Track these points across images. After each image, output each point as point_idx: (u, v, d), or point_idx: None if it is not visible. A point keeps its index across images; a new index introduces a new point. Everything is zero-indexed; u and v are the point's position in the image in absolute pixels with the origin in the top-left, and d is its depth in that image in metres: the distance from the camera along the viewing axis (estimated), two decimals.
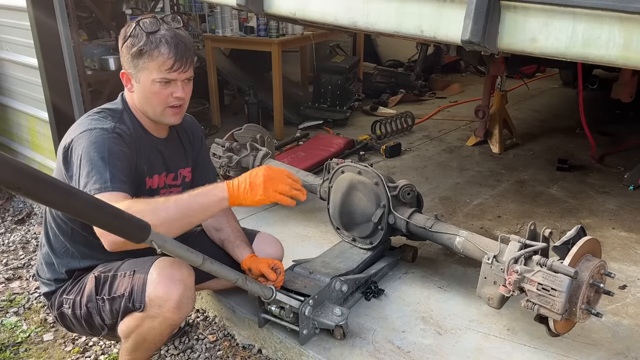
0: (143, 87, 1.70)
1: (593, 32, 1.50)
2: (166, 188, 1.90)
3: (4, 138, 3.66)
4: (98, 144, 1.62)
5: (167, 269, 1.66)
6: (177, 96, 1.71)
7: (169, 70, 1.66)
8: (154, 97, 1.70)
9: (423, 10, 1.80)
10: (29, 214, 3.42)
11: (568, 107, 5.43)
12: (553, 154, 4.03)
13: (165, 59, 1.64)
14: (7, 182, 0.99)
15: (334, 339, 2.02)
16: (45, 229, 1.87)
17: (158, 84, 1.68)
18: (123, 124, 1.73)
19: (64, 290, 1.83)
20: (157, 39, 1.64)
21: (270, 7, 2.32)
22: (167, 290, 1.63)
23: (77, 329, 1.87)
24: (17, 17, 3.02)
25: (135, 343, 1.74)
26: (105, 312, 1.73)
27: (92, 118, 1.72)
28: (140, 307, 1.66)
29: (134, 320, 1.69)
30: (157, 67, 1.65)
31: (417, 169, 3.81)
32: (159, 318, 1.66)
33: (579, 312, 1.76)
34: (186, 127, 2.00)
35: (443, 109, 5.44)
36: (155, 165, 1.84)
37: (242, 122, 3.10)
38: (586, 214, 3.09)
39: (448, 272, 2.49)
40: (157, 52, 1.64)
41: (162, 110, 1.74)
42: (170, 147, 1.91)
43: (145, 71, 1.67)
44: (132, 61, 1.68)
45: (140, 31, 1.65)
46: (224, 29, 4.44)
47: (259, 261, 1.92)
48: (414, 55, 6.25)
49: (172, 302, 1.64)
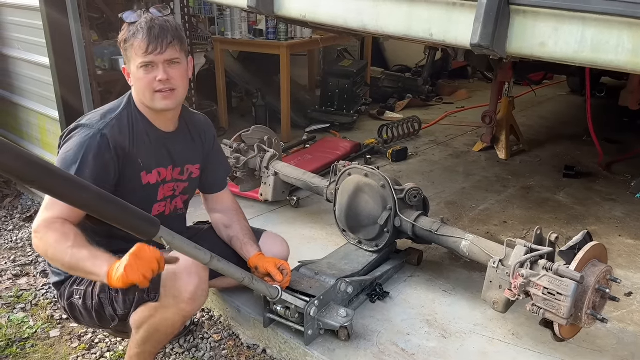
0: (133, 76, 1.76)
1: (602, 37, 1.51)
2: (173, 182, 1.91)
3: (14, 136, 3.69)
4: (76, 148, 1.68)
5: (183, 261, 1.67)
6: (159, 79, 1.72)
7: (145, 53, 1.69)
8: (141, 83, 1.74)
9: (433, 13, 1.81)
10: (37, 211, 3.44)
11: (575, 115, 5.42)
12: (560, 161, 4.03)
13: (139, 43, 1.69)
14: (22, 176, 1.01)
15: (339, 340, 2.02)
16: None
17: (142, 69, 1.72)
18: (120, 122, 1.76)
19: (74, 280, 1.84)
20: (135, 27, 1.70)
21: (281, 9, 2.33)
22: (183, 282, 1.66)
23: (86, 320, 1.88)
24: (30, 16, 3.05)
25: (146, 334, 1.75)
26: (119, 302, 1.74)
27: (93, 112, 1.79)
28: (155, 298, 1.69)
29: (147, 311, 1.71)
30: (135, 52, 1.70)
31: (424, 173, 3.82)
32: (173, 309, 1.68)
33: (585, 318, 1.76)
34: (197, 125, 2.02)
35: (450, 114, 5.45)
36: (159, 159, 1.85)
37: (249, 124, 3.11)
38: (592, 220, 3.09)
39: (453, 276, 2.49)
40: (134, 38, 1.69)
41: (152, 96, 1.75)
42: (178, 141, 1.92)
43: (132, 61, 1.73)
44: (124, 54, 1.75)
45: (125, 25, 1.73)
46: (233, 32, 4.46)
47: (266, 260, 1.94)
48: (421, 61, 6.26)
49: (188, 294, 1.66)
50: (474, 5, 1.69)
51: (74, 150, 1.68)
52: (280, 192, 3.04)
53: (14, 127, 3.73)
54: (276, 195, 3.01)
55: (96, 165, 1.68)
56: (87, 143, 1.68)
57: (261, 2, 2.36)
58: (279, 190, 3.02)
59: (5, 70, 3.57)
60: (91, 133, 1.70)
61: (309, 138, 4.35)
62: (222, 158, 2.19)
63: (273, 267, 1.92)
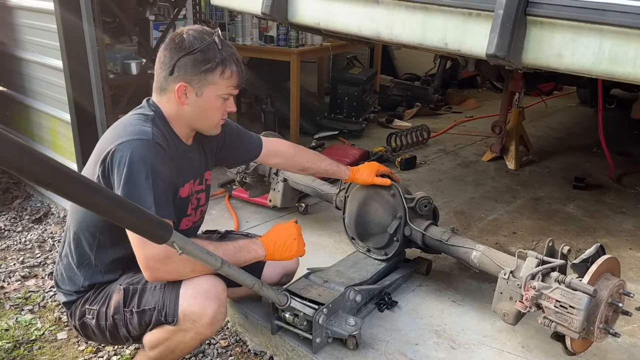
0: (205, 101, 1.71)
1: (620, 49, 1.50)
2: (194, 195, 1.89)
3: (25, 138, 3.71)
4: (139, 158, 1.59)
5: (202, 285, 1.66)
6: (230, 110, 1.79)
7: (235, 88, 1.73)
8: (215, 111, 1.75)
9: (448, 23, 1.81)
10: (46, 213, 3.46)
11: (585, 126, 5.39)
12: (569, 172, 4.00)
13: (235, 77, 1.71)
14: (39, 178, 1.01)
15: (347, 349, 2.01)
16: (68, 240, 1.83)
17: (221, 99, 1.73)
18: (158, 129, 1.71)
19: (86, 300, 1.81)
20: (228, 56, 1.70)
21: (294, 16, 2.34)
22: (202, 306, 1.65)
23: (99, 338, 1.86)
24: (45, 19, 3.08)
25: (161, 354, 1.74)
26: (133, 324, 1.72)
27: (130, 124, 1.70)
28: (173, 321, 1.66)
29: (164, 333, 1.69)
30: (227, 83, 1.71)
31: (432, 182, 3.81)
32: (191, 332, 1.67)
33: (597, 332, 1.74)
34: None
35: (459, 123, 5.43)
36: (186, 173, 1.82)
37: (258, 130, 3.09)
38: (603, 233, 3.06)
39: (462, 287, 2.47)
40: (229, 70, 1.70)
41: (216, 123, 1.80)
42: (195, 152, 1.91)
43: (212, 86, 1.69)
44: (200, 75, 1.67)
45: (213, 47, 1.68)
46: (244, 38, 4.47)
47: (365, 176, 2.32)
48: (430, 69, 6.25)
49: (207, 318, 1.65)
50: (490, 15, 1.68)
51: (139, 166, 1.58)
52: (289, 199, 3.04)
53: (25, 129, 3.75)
54: (285, 201, 3.01)
55: (163, 171, 1.64)
56: (148, 154, 1.61)
57: (275, 9, 2.37)
58: (288, 197, 3.02)
59: (18, 73, 3.59)
60: (145, 144, 1.62)
61: (317, 145, 4.35)
62: (246, 134, 2.22)
63: (373, 179, 2.30)
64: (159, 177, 1.61)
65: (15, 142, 0.95)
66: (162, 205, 1.61)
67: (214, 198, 3.36)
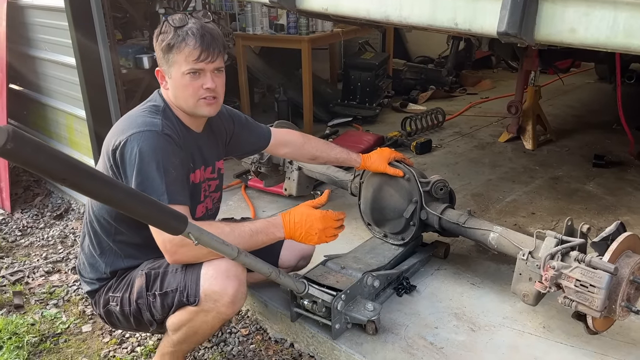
0: (175, 81, 1.73)
1: (635, 21, 1.45)
2: (205, 182, 1.92)
3: (43, 136, 3.77)
4: (150, 149, 1.63)
5: (222, 265, 1.68)
6: (207, 87, 1.72)
7: (196, 61, 1.68)
8: (186, 90, 1.73)
9: (457, 2, 1.77)
10: (66, 209, 3.51)
11: (604, 103, 5.29)
12: (589, 150, 3.94)
13: (191, 50, 1.67)
14: (53, 174, 1.03)
15: (366, 334, 2.02)
16: (87, 230, 1.88)
17: (188, 76, 1.70)
18: (168, 120, 1.75)
19: (109, 288, 1.85)
20: (184, 32, 1.68)
21: (303, 2, 2.32)
22: (223, 286, 1.66)
23: (124, 325, 1.89)
24: (56, 17, 3.10)
25: (184, 335, 1.76)
26: (156, 307, 1.75)
27: (139, 115, 1.73)
28: (195, 302, 1.68)
29: (186, 314, 1.71)
30: (185, 58, 1.68)
31: (449, 165, 3.77)
32: (213, 312, 1.69)
33: (619, 310, 1.72)
34: (216, 119, 1.98)
35: (474, 105, 5.37)
36: (196, 160, 1.85)
37: (271, 120, 3.11)
38: (624, 210, 3.01)
39: (481, 269, 2.45)
40: (184, 44, 1.67)
41: (195, 102, 1.75)
42: (206, 140, 1.93)
43: (175, 65, 1.71)
44: (164, 57, 1.72)
45: (169, 27, 1.70)
46: (254, 27, 4.46)
47: (378, 165, 2.33)
48: (444, 52, 6.18)
49: (228, 297, 1.67)
50: None
51: (150, 156, 1.62)
52: (305, 187, 3.04)
53: (42, 127, 3.81)
54: (300, 189, 3.02)
55: (175, 160, 1.67)
56: (159, 144, 1.64)
57: None
58: (303, 185, 3.02)
59: (34, 72, 3.64)
60: (155, 135, 1.65)
61: (331, 132, 4.34)
62: (255, 125, 2.20)
63: (385, 168, 2.31)
64: (170, 165, 1.65)
65: (29, 139, 0.97)
66: (176, 192, 1.64)
67: (231, 189, 3.39)
